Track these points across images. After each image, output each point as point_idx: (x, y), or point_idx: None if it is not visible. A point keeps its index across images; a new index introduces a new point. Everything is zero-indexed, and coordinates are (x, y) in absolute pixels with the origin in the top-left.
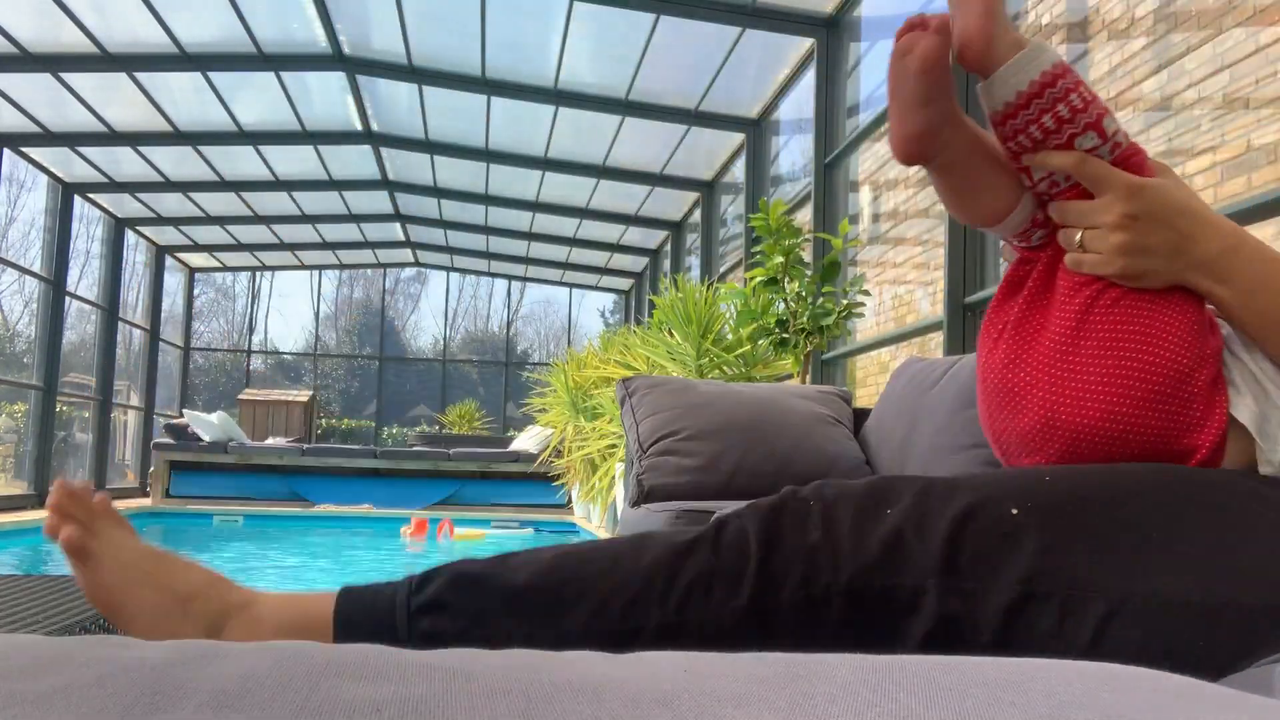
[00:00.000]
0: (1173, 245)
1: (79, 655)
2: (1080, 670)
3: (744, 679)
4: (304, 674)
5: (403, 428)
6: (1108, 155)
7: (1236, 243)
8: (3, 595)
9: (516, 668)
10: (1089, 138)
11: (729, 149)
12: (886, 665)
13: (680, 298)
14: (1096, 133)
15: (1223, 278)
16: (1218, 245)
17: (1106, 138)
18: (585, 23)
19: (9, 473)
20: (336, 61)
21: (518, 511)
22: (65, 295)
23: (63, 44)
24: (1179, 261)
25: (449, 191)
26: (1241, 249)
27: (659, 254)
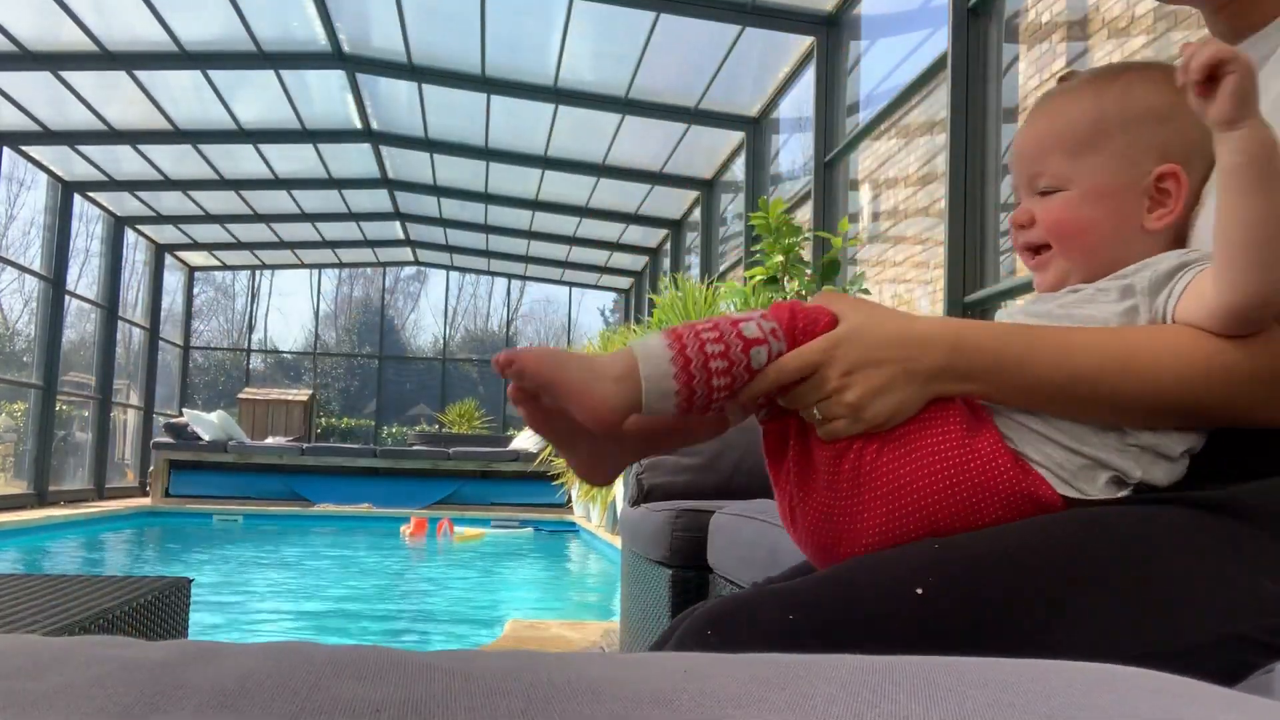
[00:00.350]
0: (899, 375)
1: (79, 655)
2: (1080, 671)
3: (744, 679)
4: (304, 674)
5: (402, 427)
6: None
7: (955, 338)
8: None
9: (516, 668)
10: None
11: (729, 147)
12: (886, 666)
13: (680, 296)
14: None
15: (962, 377)
16: (938, 352)
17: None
18: (585, 21)
19: (9, 472)
20: (336, 60)
21: (517, 511)
22: (65, 294)
23: (63, 42)
24: (913, 386)
25: (449, 190)
26: (962, 344)
27: (659, 253)
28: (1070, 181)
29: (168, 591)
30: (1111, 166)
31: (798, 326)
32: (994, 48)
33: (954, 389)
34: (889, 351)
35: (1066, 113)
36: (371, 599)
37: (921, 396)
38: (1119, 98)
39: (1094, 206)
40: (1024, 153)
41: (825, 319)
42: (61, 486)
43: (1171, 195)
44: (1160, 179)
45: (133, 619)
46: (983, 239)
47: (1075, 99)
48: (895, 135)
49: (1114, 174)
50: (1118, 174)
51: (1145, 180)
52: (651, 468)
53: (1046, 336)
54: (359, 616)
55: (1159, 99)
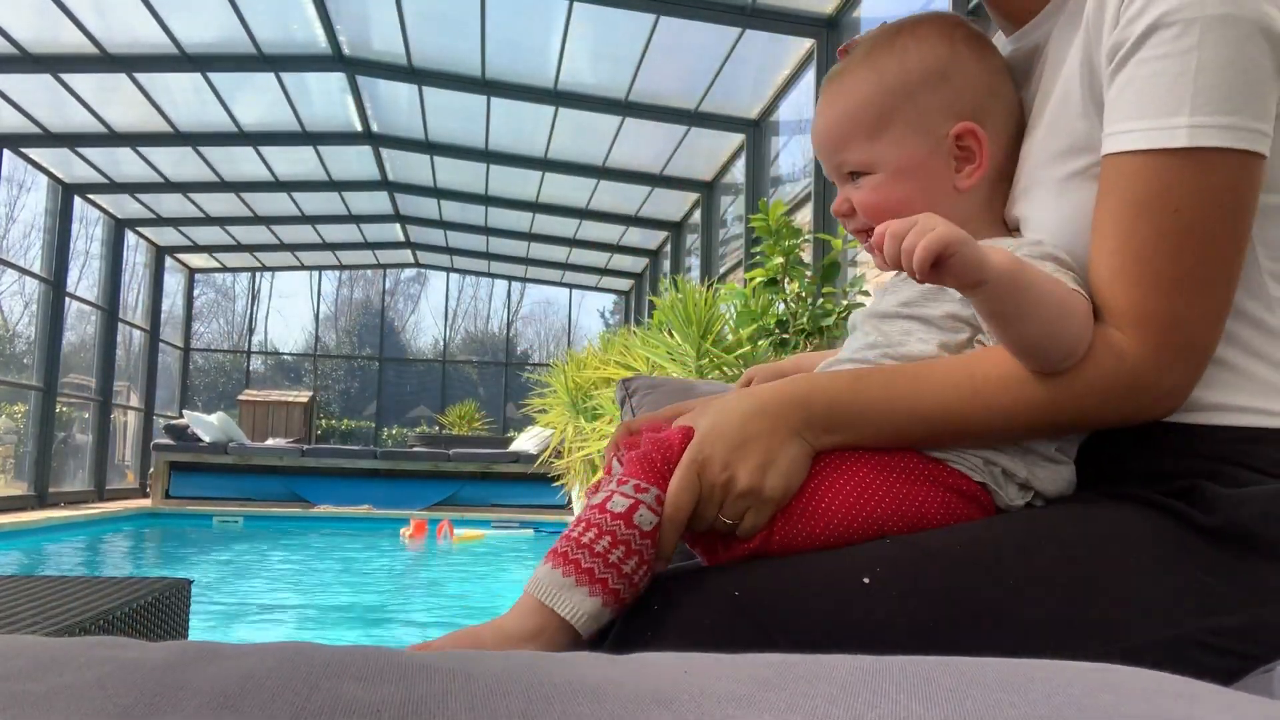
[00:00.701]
0: (772, 445)
1: (79, 656)
2: (1080, 671)
3: (744, 679)
4: (304, 674)
5: (402, 428)
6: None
7: (804, 396)
8: (3, 595)
9: (516, 668)
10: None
11: (729, 149)
12: (886, 666)
13: (680, 298)
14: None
15: (826, 430)
16: (794, 412)
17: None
18: (585, 23)
19: (9, 473)
20: (336, 62)
21: (518, 512)
22: (65, 296)
23: (63, 45)
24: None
25: (449, 192)
26: (812, 401)
27: (659, 254)
28: (874, 164)
29: (168, 592)
30: (908, 140)
31: (656, 464)
32: None
33: (825, 442)
34: (750, 428)
35: (852, 94)
36: (371, 600)
37: (805, 454)
38: (897, 68)
39: (903, 183)
40: (824, 142)
41: (677, 439)
42: (62, 488)
43: (974, 151)
44: (959, 137)
45: (133, 620)
46: None
47: (856, 78)
48: None
49: (913, 147)
50: (917, 146)
51: (945, 143)
52: None
53: (898, 380)
54: (359, 617)
55: (933, 59)
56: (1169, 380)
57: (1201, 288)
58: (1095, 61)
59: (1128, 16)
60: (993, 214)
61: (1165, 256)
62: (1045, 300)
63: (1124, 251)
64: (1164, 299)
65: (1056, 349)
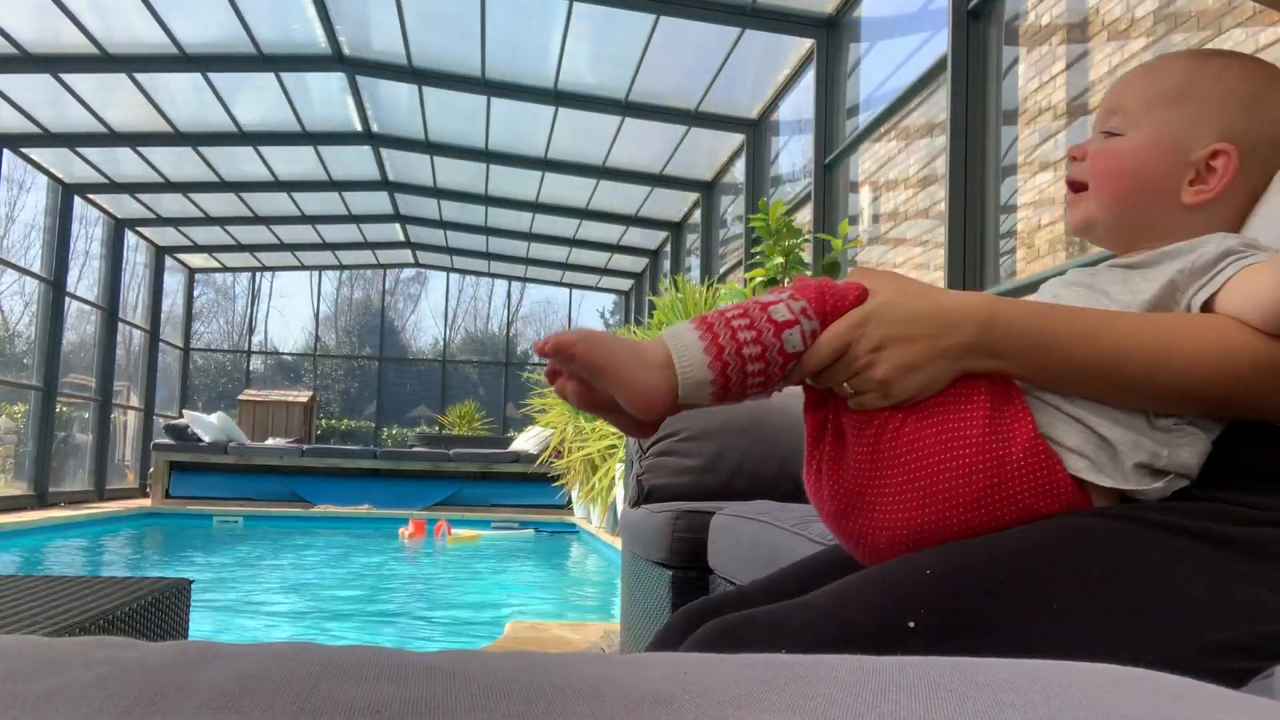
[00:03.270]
0: (928, 352)
1: (79, 655)
2: (1080, 671)
3: (744, 680)
4: (304, 674)
5: (403, 428)
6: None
7: (988, 315)
8: (3, 595)
9: (516, 668)
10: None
11: (729, 149)
12: (887, 666)
13: (680, 298)
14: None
15: (991, 354)
16: (969, 329)
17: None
18: (585, 23)
19: (9, 473)
20: (336, 62)
21: (518, 512)
22: (65, 296)
23: (63, 45)
24: (943, 363)
25: (449, 192)
26: (995, 321)
27: (659, 254)
28: (1133, 127)
29: (168, 592)
30: (1173, 125)
31: (827, 303)
32: (994, 50)
33: (983, 366)
34: (917, 328)
35: (1165, 70)
36: (371, 600)
37: (950, 373)
38: (1214, 72)
39: (1141, 156)
40: (1113, 92)
41: (853, 294)
42: (62, 488)
43: (1217, 174)
44: (1213, 156)
45: (133, 620)
46: (983, 241)
47: (1177, 62)
48: (895, 137)
49: (1171, 133)
50: (1175, 134)
51: (1198, 151)
52: (652, 469)
53: (1084, 318)
54: (359, 617)
55: (1249, 86)
56: None
57: None
58: None
59: None
60: None
61: None
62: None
63: None
64: None
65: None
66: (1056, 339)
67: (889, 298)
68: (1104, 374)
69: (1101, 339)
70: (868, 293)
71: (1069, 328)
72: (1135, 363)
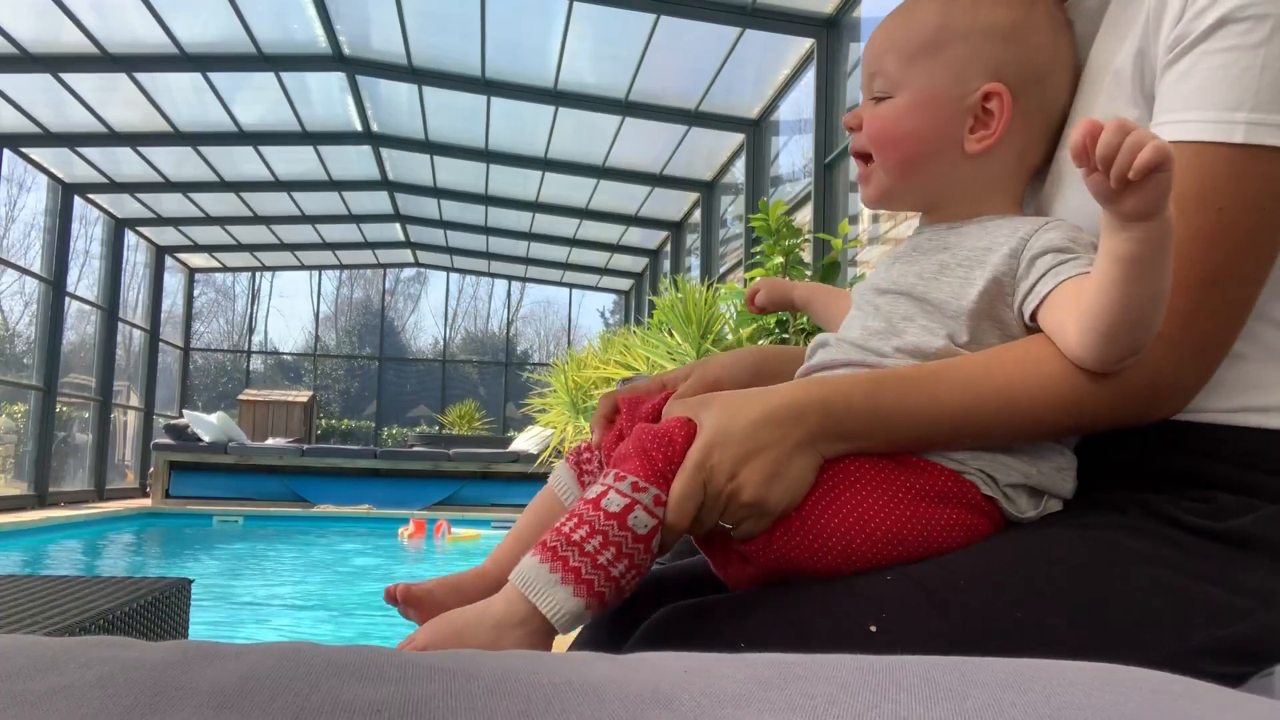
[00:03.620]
0: (782, 454)
1: (79, 656)
2: (1080, 671)
3: (744, 679)
4: (304, 674)
5: (402, 428)
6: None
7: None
8: (3, 595)
9: (516, 668)
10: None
11: (729, 149)
12: (887, 665)
13: (680, 298)
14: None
15: (839, 438)
16: (811, 418)
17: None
18: (585, 23)
19: (9, 473)
20: (336, 62)
21: (518, 512)
22: (65, 296)
23: (63, 44)
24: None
25: (449, 192)
26: (831, 406)
27: (659, 254)
28: (899, 87)
29: (168, 592)
30: (939, 76)
31: (658, 463)
32: None
33: (837, 450)
34: (761, 436)
35: (915, 15)
36: (372, 600)
37: (812, 466)
38: (968, 8)
39: (915, 116)
40: (870, 51)
41: (680, 436)
42: (62, 488)
43: (995, 116)
44: (986, 98)
45: (133, 620)
46: None
47: (928, 4)
48: None
49: (940, 84)
50: (944, 85)
51: (970, 97)
52: None
53: (916, 384)
54: (359, 617)
55: (1006, 17)
56: (1184, 381)
57: (1227, 288)
58: (1151, 53)
59: (1195, 9)
60: (1007, 193)
61: (1197, 255)
62: (1170, 262)
63: None
64: (1187, 297)
65: (1153, 324)
66: (897, 412)
67: (717, 421)
68: (949, 434)
69: (942, 405)
70: (693, 424)
71: (905, 395)
72: (981, 419)
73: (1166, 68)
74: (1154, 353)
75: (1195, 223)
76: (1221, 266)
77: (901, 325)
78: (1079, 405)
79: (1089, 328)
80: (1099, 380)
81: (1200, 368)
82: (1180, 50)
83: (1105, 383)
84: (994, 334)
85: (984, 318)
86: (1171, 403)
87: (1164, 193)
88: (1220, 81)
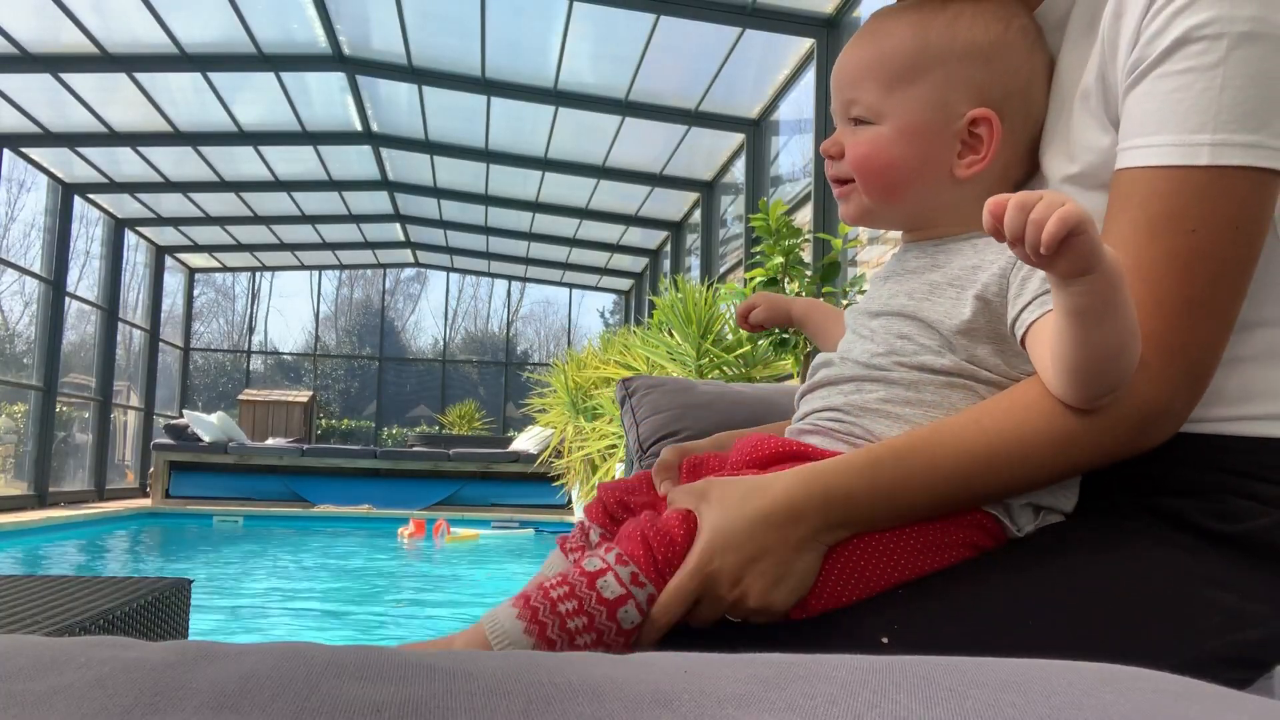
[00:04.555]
0: (786, 557)
1: (79, 656)
2: (1080, 670)
3: (744, 679)
4: (304, 674)
5: (402, 428)
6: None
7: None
8: (3, 595)
9: (516, 668)
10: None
11: (729, 149)
12: (886, 666)
13: (680, 298)
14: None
15: (842, 527)
16: (812, 517)
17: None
18: (585, 23)
19: (9, 473)
20: (336, 62)
21: (518, 512)
22: (65, 296)
23: (63, 44)
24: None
25: (449, 192)
26: (831, 498)
27: (659, 254)
28: (882, 115)
29: (168, 592)
30: (924, 104)
31: (658, 560)
32: None
33: (839, 537)
34: (764, 539)
35: (890, 38)
36: (372, 600)
37: (817, 559)
38: (944, 30)
39: (902, 145)
40: (842, 76)
41: (680, 535)
42: (62, 488)
43: (984, 141)
44: (973, 123)
45: (133, 620)
46: None
47: (900, 24)
48: None
49: (926, 113)
50: (930, 113)
51: (957, 123)
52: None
53: (911, 456)
54: (359, 617)
55: (984, 36)
56: (1175, 405)
57: (1210, 310)
58: (1111, 78)
59: (1150, 33)
60: None
61: (1175, 279)
62: (1128, 302)
63: (1133, 273)
64: (1170, 322)
65: (1125, 363)
66: (898, 491)
67: (716, 521)
68: (948, 503)
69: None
70: (693, 520)
71: (906, 475)
72: (979, 476)
73: (1127, 91)
74: (1140, 380)
75: (1169, 245)
76: (1201, 288)
77: (901, 345)
78: (1073, 443)
79: (1060, 369)
80: (1088, 416)
81: (1191, 389)
82: (1139, 74)
83: (1095, 418)
84: (991, 351)
85: (980, 337)
86: (1166, 427)
87: (1088, 252)
88: (1179, 104)
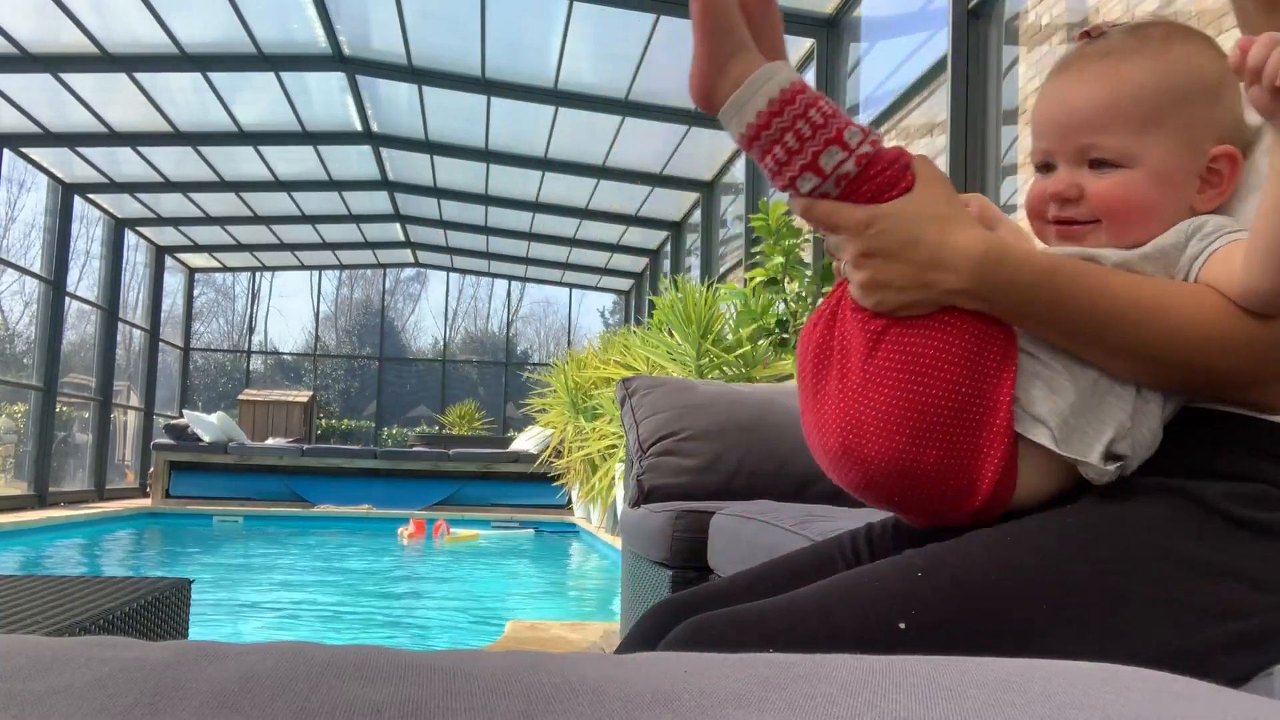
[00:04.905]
0: (910, 280)
1: (79, 655)
2: (1080, 671)
3: (744, 679)
4: (304, 674)
5: (402, 428)
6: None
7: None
8: (3, 595)
9: (516, 668)
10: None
11: (729, 149)
12: (886, 666)
13: (680, 298)
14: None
15: (981, 300)
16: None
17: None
18: (585, 23)
19: (9, 473)
20: (336, 62)
21: (518, 512)
22: (65, 296)
23: (63, 44)
24: (927, 294)
25: (449, 192)
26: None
27: (659, 254)
28: (1135, 159)
29: (168, 592)
30: (1175, 146)
31: (872, 172)
32: (994, 50)
33: (973, 308)
34: (910, 253)
35: (1129, 79)
36: (372, 600)
37: (933, 305)
38: (1184, 68)
39: (1156, 188)
40: (1074, 119)
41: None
42: (62, 488)
43: (1224, 177)
44: (1215, 159)
45: (133, 620)
46: None
47: (1135, 64)
48: (895, 137)
49: (1178, 155)
50: (1181, 155)
51: (1200, 161)
52: (652, 469)
53: (1088, 278)
54: (359, 617)
55: (1213, 73)
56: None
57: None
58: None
59: None
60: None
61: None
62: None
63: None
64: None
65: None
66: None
67: (905, 207)
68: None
69: (1101, 299)
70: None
71: (1075, 283)
72: (1131, 319)
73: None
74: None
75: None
76: None
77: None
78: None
79: (1258, 248)
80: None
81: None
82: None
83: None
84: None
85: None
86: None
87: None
88: None
